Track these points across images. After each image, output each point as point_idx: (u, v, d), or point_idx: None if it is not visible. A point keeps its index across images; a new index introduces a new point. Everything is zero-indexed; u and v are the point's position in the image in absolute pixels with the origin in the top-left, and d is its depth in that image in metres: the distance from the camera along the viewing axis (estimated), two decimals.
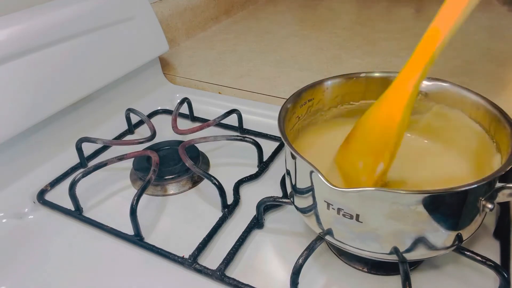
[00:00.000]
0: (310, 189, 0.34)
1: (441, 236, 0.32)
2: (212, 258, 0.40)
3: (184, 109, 0.63)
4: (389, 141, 0.35)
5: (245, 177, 0.50)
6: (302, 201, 0.36)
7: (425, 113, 0.43)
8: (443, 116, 0.42)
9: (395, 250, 0.32)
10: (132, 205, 0.42)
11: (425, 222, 0.30)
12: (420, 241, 0.31)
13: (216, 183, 0.45)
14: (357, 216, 0.31)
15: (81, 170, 0.50)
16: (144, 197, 0.47)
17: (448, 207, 0.30)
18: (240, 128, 0.60)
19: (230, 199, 0.46)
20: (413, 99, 0.34)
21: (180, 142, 0.54)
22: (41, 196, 0.49)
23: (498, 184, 0.31)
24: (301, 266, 0.35)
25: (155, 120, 0.65)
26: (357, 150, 0.38)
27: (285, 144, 0.35)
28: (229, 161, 0.55)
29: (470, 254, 0.35)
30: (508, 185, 0.30)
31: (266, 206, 0.43)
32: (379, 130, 0.36)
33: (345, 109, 0.46)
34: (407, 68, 0.34)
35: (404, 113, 0.34)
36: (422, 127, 0.44)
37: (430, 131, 0.44)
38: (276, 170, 0.52)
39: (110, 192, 0.50)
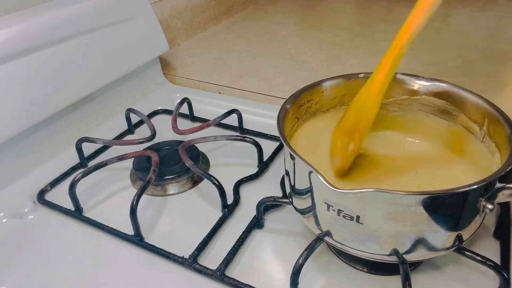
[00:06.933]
0: (309, 190, 0.34)
1: (441, 237, 0.32)
2: (212, 258, 0.40)
3: (184, 109, 0.63)
4: (360, 123, 0.39)
5: (245, 177, 0.50)
6: (301, 202, 0.36)
7: (417, 112, 0.44)
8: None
9: (395, 252, 0.32)
10: (132, 205, 0.42)
11: (425, 223, 0.30)
12: (420, 242, 0.31)
13: (216, 183, 0.45)
14: (358, 217, 0.31)
15: (81, 170, 0.50)
16: (144, 197, 0.48)
17: (448, 208, 0.30)
18: (240, 128, 0.60)
19: (230, 199, 0.46)
20: (383, 88, 0.38)
21: (180, 142, 0.54)
22: (41, 196, 0.49)
23: (498, 185, 0.31)
24: (301, 266, 0.35)
25: (155, 120, 0.65)
26: (339, 130, 0.41)
27: (284, 145, 0.35)
28: (229, 161, 0.55)
29: (470, 254, 0.35)
30: (508, 185, 0.30)
31: (266, 206, 0.43)
32: (355, 113, 0.39)
33: (344, 110, 0.46)
34: (381, 60, 0.37)
35: (375, 100, 0.38)
36: (413, 126, 0.44)
37: (425, 131, 0.44)
38: (276, 170, 0.52)
39: (110, 192, 0.50)
